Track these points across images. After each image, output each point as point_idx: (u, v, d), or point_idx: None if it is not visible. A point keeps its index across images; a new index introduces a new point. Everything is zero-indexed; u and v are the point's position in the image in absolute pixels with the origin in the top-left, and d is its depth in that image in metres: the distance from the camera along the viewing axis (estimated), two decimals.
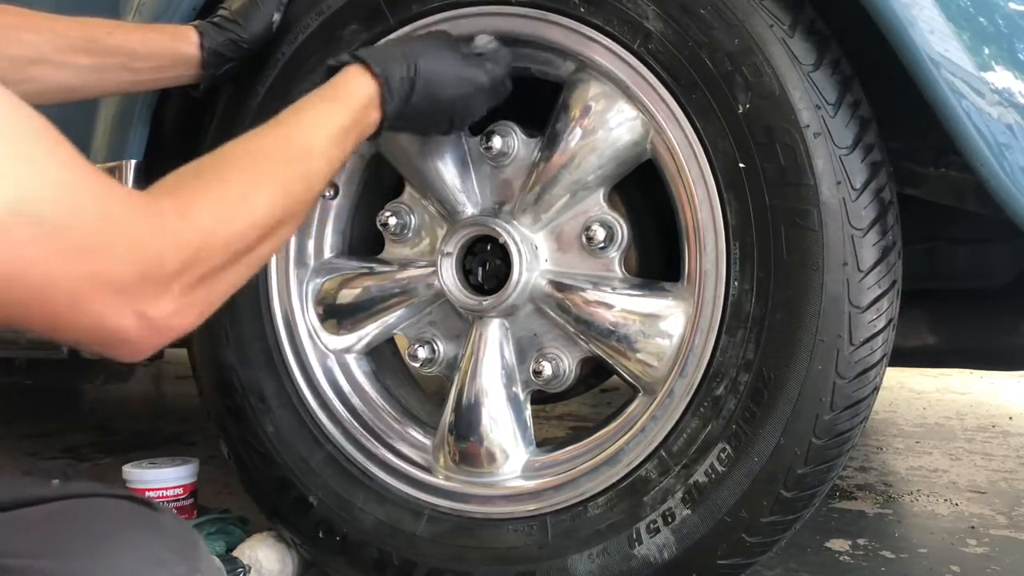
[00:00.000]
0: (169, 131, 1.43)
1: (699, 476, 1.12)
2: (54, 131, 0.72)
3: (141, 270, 0.74)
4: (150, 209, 0.78)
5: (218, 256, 0.82)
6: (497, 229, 1.23)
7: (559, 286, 1.23)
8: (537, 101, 1.30)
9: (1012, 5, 1.04)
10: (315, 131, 1.00)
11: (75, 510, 0.77)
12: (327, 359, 1.37)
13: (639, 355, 1.19)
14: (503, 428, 1.27)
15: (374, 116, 1.08)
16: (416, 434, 1.35)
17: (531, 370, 1.26)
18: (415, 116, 1.13)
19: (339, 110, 1.04)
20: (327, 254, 1.39)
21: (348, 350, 1.38)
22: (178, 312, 0.78)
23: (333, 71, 1.09)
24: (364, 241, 1.42)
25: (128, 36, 1.21)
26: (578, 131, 1.20)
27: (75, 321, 0.73)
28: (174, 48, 1.23)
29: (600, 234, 1.20)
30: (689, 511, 1.12)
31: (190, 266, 0.78)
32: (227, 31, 1.26)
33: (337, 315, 1.37)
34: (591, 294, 1.21)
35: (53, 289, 0.70)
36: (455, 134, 1.25)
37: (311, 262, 1.38)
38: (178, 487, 1.48)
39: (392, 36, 1.26)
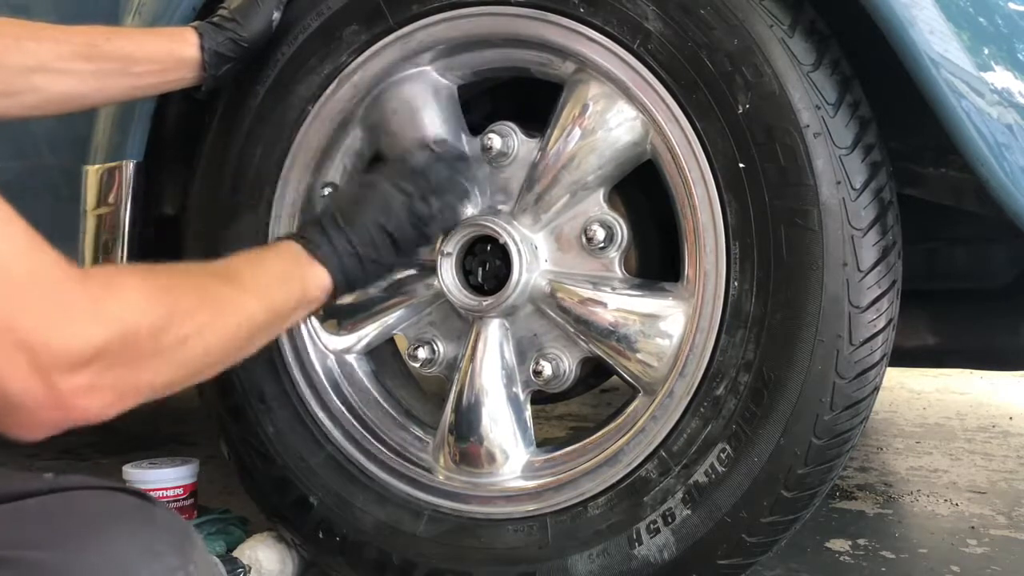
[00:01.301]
0: (169, 131, 1.43)
1: (699, 476, 1.12)
2: None
3: (60, 335, 0.71)
4: (80, 279, 0.75)
5: (142, 341, 0.79)
6: (497, 229, 1.23)
7: (559, 286, 1.23)
8: (537, 101, 1.30)
9: (1012, 5, 1.04)
10: (250, 265, 1.03)
11: (68, 502, 0.77)
12: (327, 359, 1.37)
13: (639, 355, 1.19)
14: (503, 428, 1.27)
15: (318, 271, 1.09)
16: (416, 434, 1.35)
17: (531, 370, 1.26)
18: (360, 259, 1.13)
19: (276, 256, 1.08)
20: None
21: (348, 350, 1.38)
22: (88, 391, 0.75)
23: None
24: None
25: (127, 40, 1.22)
26: (578, 131, 1.20)
27: None
28: (174, 50, 1.23)
29: (600, 234, 1.20)
30: (689, 511, 1.12)
31: (112, 344, 0.75)
32: (226, 30, 1.26)
33: (337, 315, 1.37)
34: (591, 294, 1.21)
35: None
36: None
37: None
38: (178, 487, 1.48)
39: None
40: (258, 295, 0.98)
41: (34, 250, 0.72)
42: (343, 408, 1.35)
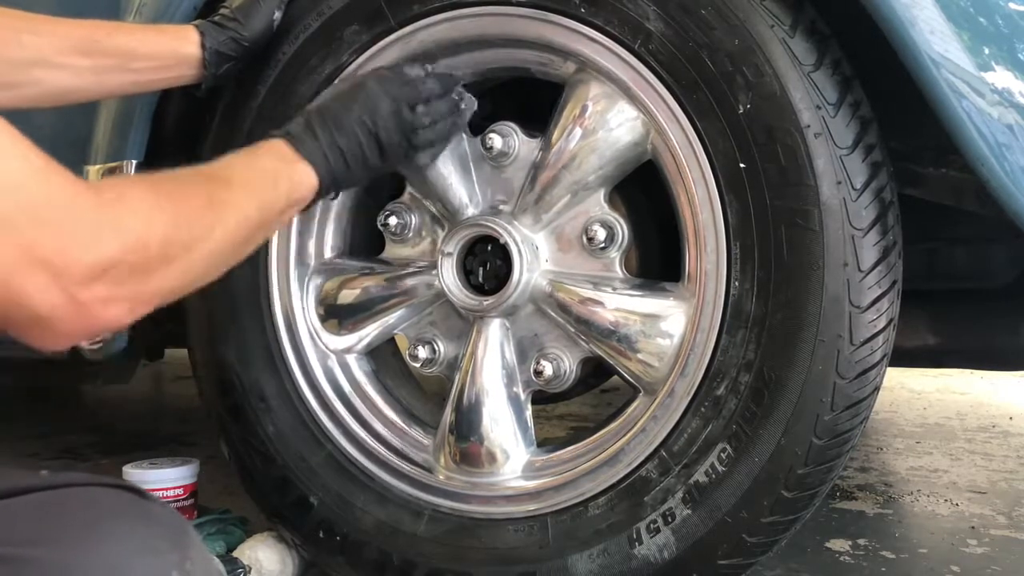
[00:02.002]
0: (170, 131, 1.43)
1: (699, 476, 1.12)
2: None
3: (77, 249, 0.74)
4: (92, 194, 0.78)
5: (153, 248, 0.81)
6: (498, 229, 1.23)
7: (560, 286, 1.23)
8: (537, 101, 1.30)
9: (1012, 5, 1.04)
10: (241, 167, 1.04)
11: (65, 498, 0.77)
12: (328, 359, 1.37)
13: (640, 355, 1.19)
14: (504, 428, 1.27)
15: (304, 169, 1.09)
16: (417, 434, 1.35)
17: (532, 370, 1.26)
18: (345, 157, 1.12)
19: (263, 156, 1.08)
20: (328, 254, 1.39)
21: (349, 350, 1.38)
22: (108, 300, 0.77)
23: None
24: (365, 241, 1.42)
25: (128, 37, 1.22)
26: (579, 131, 1.20)
27: None
28: (175, 48, 1.23)
29: (601, 234, 1.20)
30: (689, 511, 1.13)
31: (126, 253, 0.78)
32: (228, 29, 1.26)
33: (338, 315, 1.37)
34: (592, 294, 1.21)
35: None
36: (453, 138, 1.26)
37: (311, 262, 1.38)
38: (178, 487, 1.48)
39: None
40: (251, 195, 1.00)
41: (46, 169, 0.74)
42: (343, 408, 1.35)
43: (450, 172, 1.28)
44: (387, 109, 1.16)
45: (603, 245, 1.21)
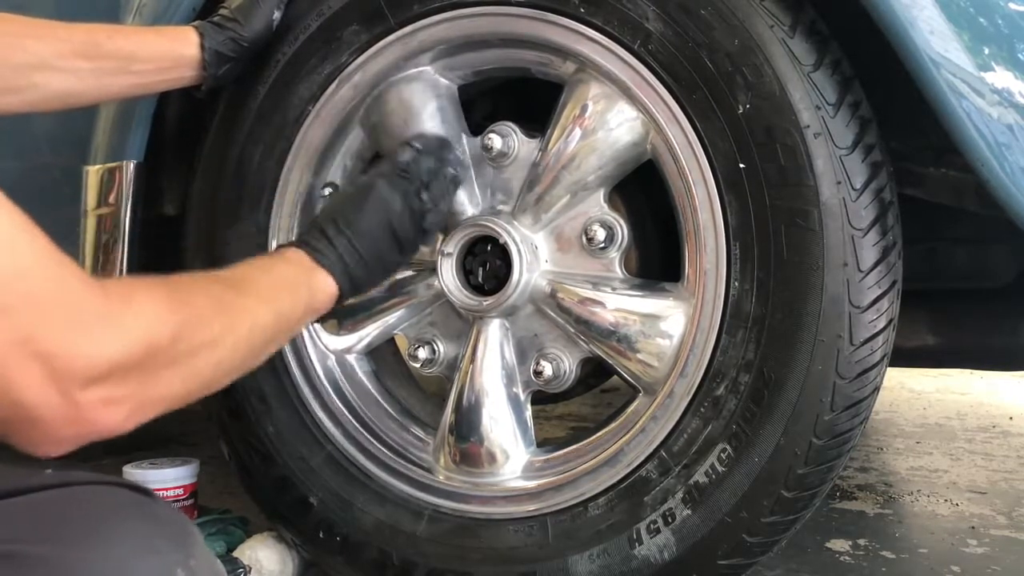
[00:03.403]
0: (170, 131, 1.43)
1: (699, 476, 1.12)
2: (9, 203, 0.69)
3: (79, 348, 0.71)
4: (98, 290, 0.75)
5: (158, 352, 0.78)
6: (497, 229, 1.23)
7: (559, 286, 1.23)
8: (537, 101, 1.30)
9: (1012, 5, 1.04)
10: (259, 272, 1.03)
11: (69, 497, 0.77)
12: (327, 359, 1.37)
13: (639, 355, 1.19)
14: (503, 428, 1.27)
15: (324, 277, 1.08)
16: (416, 434, 1.35)
17: (531, 370, 1.26)
18: (366, 263, 1.12)
19: (283, 263, 1.07)
20: None
21: (348, 350, 1.38)
22: (106, 404, 0.74)
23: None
24: None
25: (128, 39, 1.22)
26: (578, 131, 1.20)
27: None
28: (174, 49, 1.23)
29: (600, 234, 1.20)
30: (689, 511, 1.13)
31: (130, 355, 0.75)
32: (227, 30, 1.26)
33: (337, 315, 1.37)
34: (591, 294, 1.21)
35: None
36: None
37: None
38: (179, 487, 1.48)
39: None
40: (268, 302, 0.98)
41: (55, 262, 0.72)
42: (343, 408, 1.35)
43: None
44: (399, 206, 1.15)
45: (603, 245, 1.21)
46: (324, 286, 1.09)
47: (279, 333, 1.01)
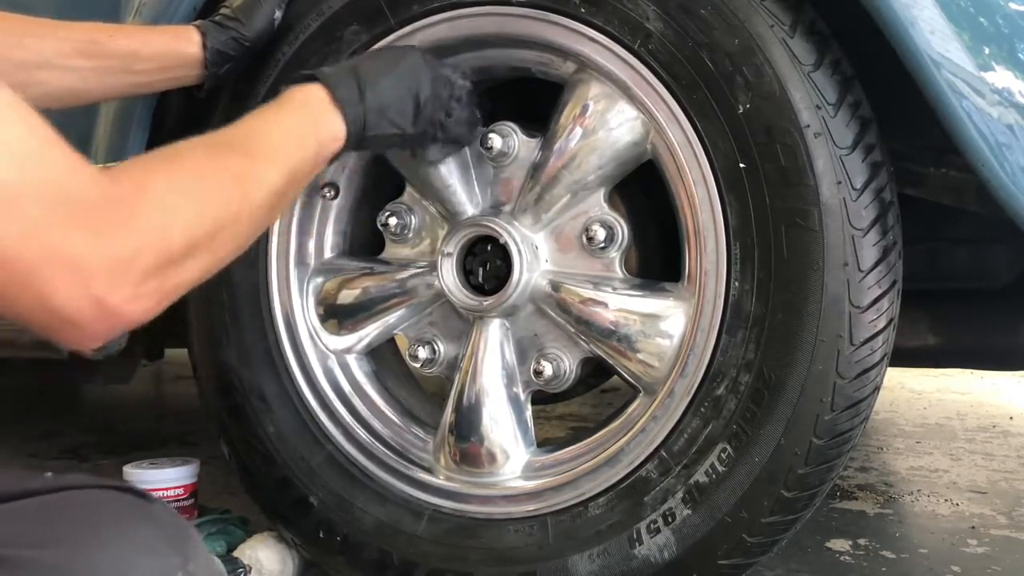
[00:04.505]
0: (170, 131, 1.43)
1: (700, 476, 1.12)
2: (25, 104, 0.71)
3: (100, 252, 0.73)
4: (113, 188, 0.76)
5: (177, 241, 0.79)
6: (497, 229, 1.23)
7: (559, 286, 1.23)
8: (537, 101, 1.30)
9: (1012, 5, 1.04)
10: (268, 129, 1.00)
11: (68, 501, 0.77)
12: (328, 359, 1.37)
13: (640, 355, 1.19)
14: (504, 428, 1.27)
15: (334, 120, 1.06)
16: (417, 434, 1.35)
17: (532, 370, 1.26)
18: (382, 111, 1.10)
19: (292, 111, 1.04)
20: (327, 254, 1.39)
21: (349, 350, 1.38)
22: (133, 298, 0.76)
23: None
24: (365, 241, 1.42)
25: (130, 38, 1.22)
26: (579, 131, 1.20)
27: (20, 297, 0.71)
28: (176, 48, 1.23)
29: (601, 234, 1.20)
30: (690, 511, 1.13)
31: (149, 248, 0.77)
32: (229, 29, 1.26)
33: (338, 315, 1.37)
34: (592, 294, 1.21)
35: (4, 259, 0.68)
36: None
37: (311, 262, 1.38)
38: (179, 487, 1.48)
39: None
40: (279, 162, 0.96)
41: (66, 168, 0.73)
42: (343, 408, 1.35)
43: (450, 172, 1.28)
44: (429, 79, 1.15)
45: (603, 245, 1.21)
46: (334, 131, 1.06)
47: (290, 190, 0.99)
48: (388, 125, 1.12)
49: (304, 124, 1.04)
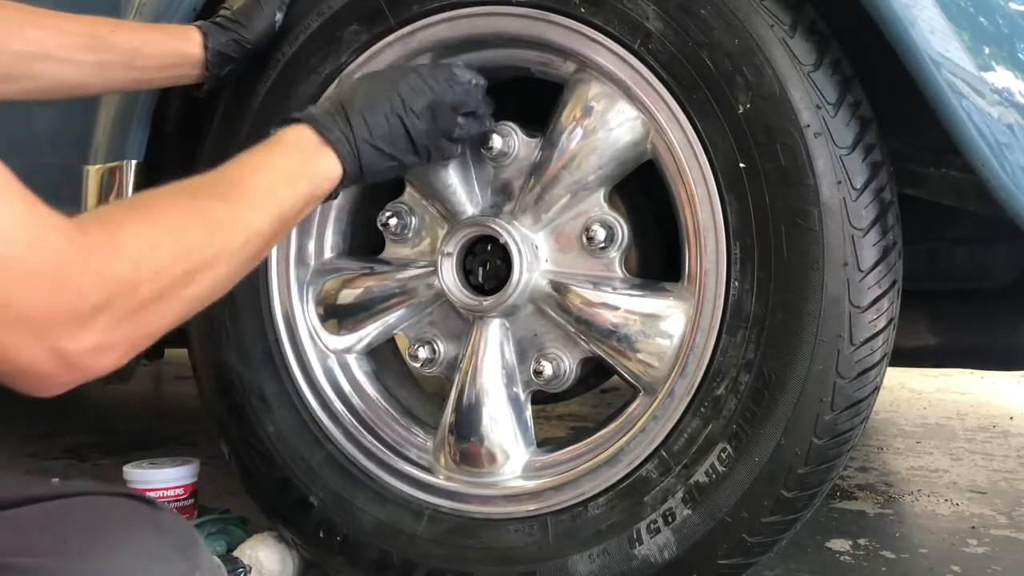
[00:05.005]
0: (170, 131, 1.43)
1: (700, 476, 1.12)
2: None
3: (60, 303, 0.70)
4: (77, 237, 0.73)
5: (145, 289, 0.77)
6: (497, 229, 1.23)
7: (559, 286, 1.23)
8: (537, 101, 1.30)
9: (1012, 5, 1.04)
10: (254, 171, 0.98)
11: (75, 508, 0.77)
12: (328, 359, 1.37)
13: (640, 355, 1.19)
14: (503, 428, 1.27)
15: (327, 159, 1.04)
16: (416, 434, 1.35)
17: (532, 370, 1.26)
18: (376, 146, 1.08)
19: (282, 152, 1.03)
20: (327, 254, 1.39)
21: (349, 350, 1.38)
22: (99, 349, 0.74)
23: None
24: (365, 241, 1.42)
25: (132, 35, 1.22)
26: (579, 131, 1.20)
27: None
28: (177, 48, 1.23)
29: (601, 234, 1.20)
30: (690, 511, 1.13)
31: (115, 299, 0.74)
32: (230, 31, 1.26)
33: (338, 315, 1.37)
34: (592, 294, 1.21)
35: None
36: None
37: (311, 262, 1.38)
38: (179, 487, 1.47)
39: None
40: (264, 207, 0.94)
41: (32, 219, 0.70)
42: (343, 408, 1.36)
43: (450, 172, 1.28)
44: (426, 103, 1.12)
45: (603, 245, 1.21)
46: (327, 170, 1.03)
47: (277, 232, 0.97)
48: (385, 159, 1.10)
49: (295, 165, 1.02)
